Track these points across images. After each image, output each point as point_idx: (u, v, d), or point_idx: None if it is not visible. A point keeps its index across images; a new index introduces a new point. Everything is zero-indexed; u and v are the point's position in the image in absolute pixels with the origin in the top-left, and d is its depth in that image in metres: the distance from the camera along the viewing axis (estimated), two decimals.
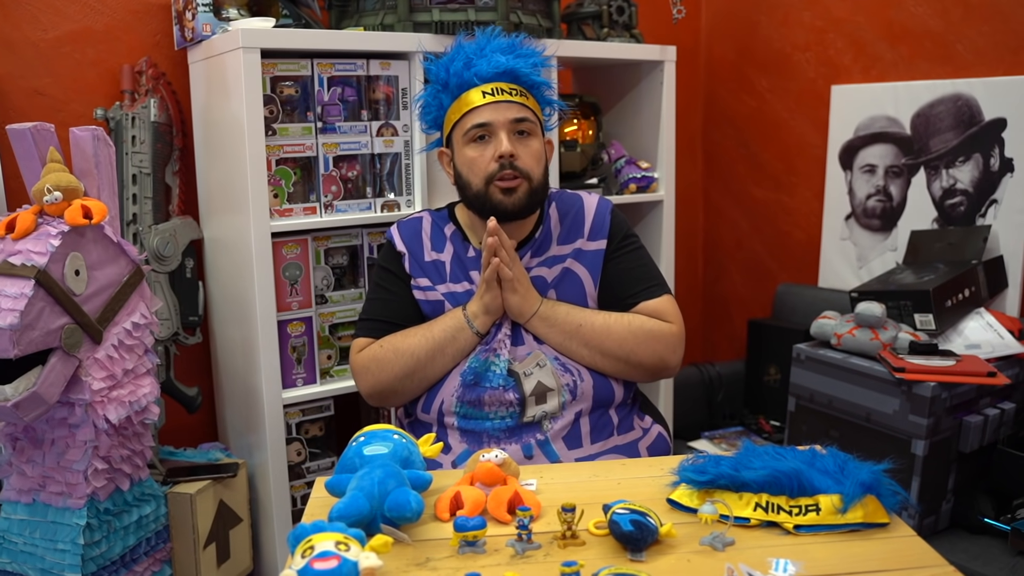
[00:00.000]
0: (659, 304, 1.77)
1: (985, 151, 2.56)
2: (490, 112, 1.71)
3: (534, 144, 1.75)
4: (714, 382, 3.12)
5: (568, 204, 1.87)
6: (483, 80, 1.72)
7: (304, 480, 2.31)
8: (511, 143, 1.70)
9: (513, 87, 1.73)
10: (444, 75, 1.77)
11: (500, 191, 1.71)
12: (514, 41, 1.79)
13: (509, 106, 1.72)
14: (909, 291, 2.35)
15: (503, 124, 1.71)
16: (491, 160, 1.71)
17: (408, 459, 1.36)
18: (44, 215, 1.71)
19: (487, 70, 1.72)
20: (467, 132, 1.73)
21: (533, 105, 1.76)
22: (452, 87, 1.75)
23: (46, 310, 1.61)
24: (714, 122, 3.51)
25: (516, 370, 1.72)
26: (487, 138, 1.72)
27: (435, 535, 1.28)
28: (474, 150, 1.73)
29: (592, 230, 1.82)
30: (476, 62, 1.73)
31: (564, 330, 1.71)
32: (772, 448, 1.36)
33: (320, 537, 1.02)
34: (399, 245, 1.84)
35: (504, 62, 1.72)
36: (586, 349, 1.71)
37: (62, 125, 1.88)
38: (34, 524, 1.78)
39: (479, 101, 1.71)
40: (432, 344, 1.72)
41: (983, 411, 2.13)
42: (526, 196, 1.72)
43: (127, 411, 1.78)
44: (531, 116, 1.74)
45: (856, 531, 1.26)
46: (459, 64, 1.74)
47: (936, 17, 2.70)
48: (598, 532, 1.26)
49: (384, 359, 1.76)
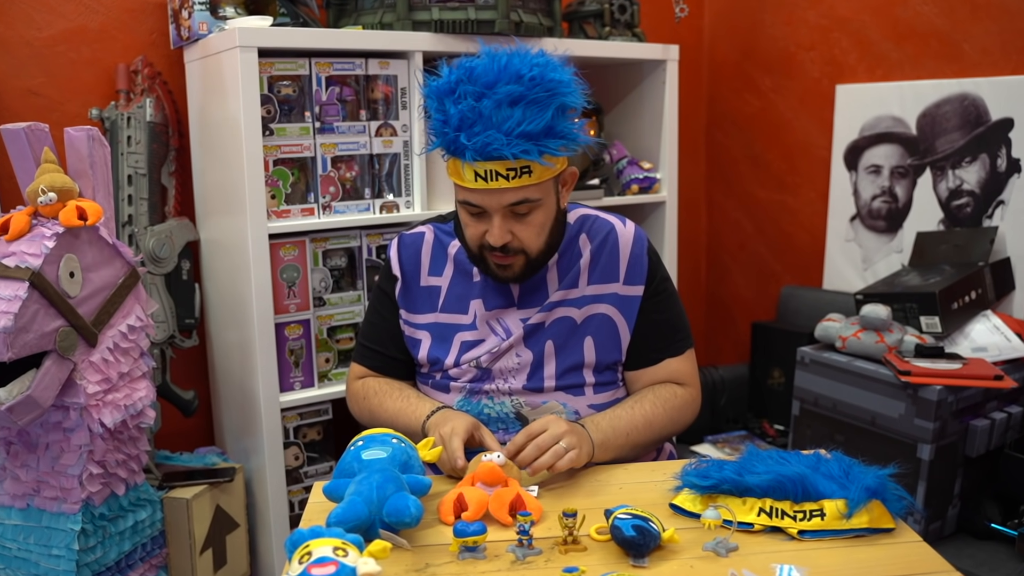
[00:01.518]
0: (682, 365, 1.70)
1: (992, 151, 2.56)
2: (480, 196, 1.51)
3: (536, 218, 1.55)
4: (717, 386, 3.12)
5: (600, 235, 1.68)
6: (475, 157, 1.46)
7: (302, 485, 2.31)
8: (504, 229, 1.53)
9: (511, 167, 1.47)
10: (440, 123, 1.50)
11: (495, 265, 1.59)
12: (532, 76, 1.44)
13: (503, 192, 1.49)
14: (915, 293, 2.35)
15: (496, 209, 1.52)
16: (483, 237, 1.56)
17: (407, 463, 1.36)
18: (38, 216, 1.71)
19: (477, 153, 1.45)
20: (460, 200, 1.57)
21: (538, 175, 1.50)
22: (446, 141, 1.50)
23: (40, 312, 1.61)
24: (717, 122, 3.51)
25: (525, 415, 1.65)
26: (481, 215, 1.55)
27: (435, 540, 1.28)
28: (468, 219, 1.58)
29: (628, 273, 1.67)
30: (471, 129, 1.45)
31: (617, 445, 1.57)
32: (776, 452, 1.37)
33: (318, 543, 1.02)
34: (395, 268, 1.74)
35: (499, 147, 1.43)
36: (638, 450, 1.63)
37: (57, 125, 1.88)
38: (28, 530, 1.78)
39: (471, 183, 1.49)
40: (393, 420, 1.65)
41: (990, 415, 2.13)
42: (523, 269, 1.59)
43: (123, 415, 1.78)
44: (532, 194, 1.51)
45: (861, 536, 1.26)
46: (453, 123, 1.46)
47: (942, 16, 2.70)
48: (600, 537, 1.26)
49: (357, 398, 1.76)
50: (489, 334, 1.66)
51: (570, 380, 1.65)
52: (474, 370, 1.65)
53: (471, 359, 1.65)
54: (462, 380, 1.67)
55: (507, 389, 1.65)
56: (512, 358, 1.64)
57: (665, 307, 1.70)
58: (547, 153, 1.48)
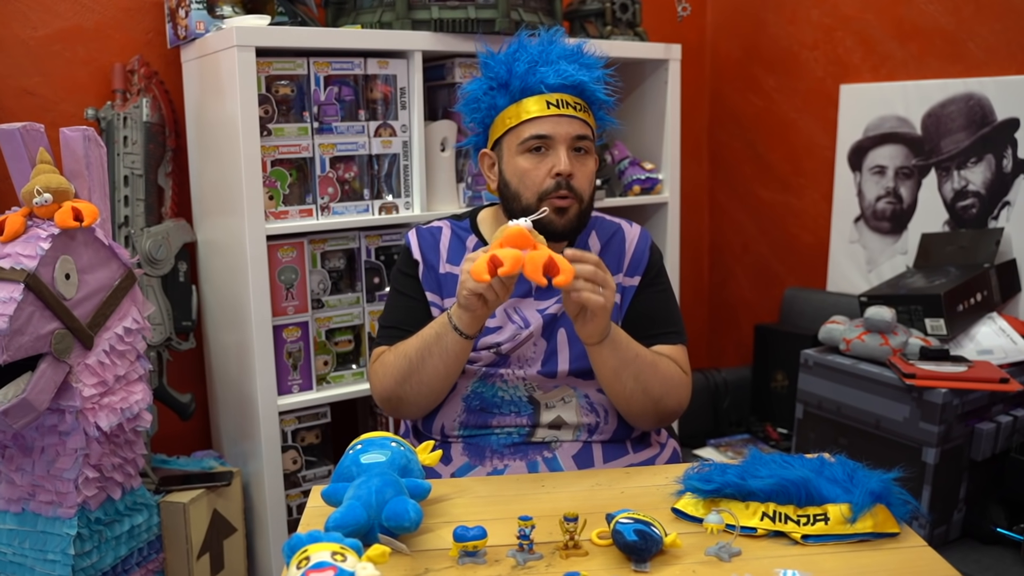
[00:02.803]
0: (675, 352, 1.72)
1: (998, 152, 2.56)
2: (552, 125, 1.63)
3: (590, 164, 1.68)
4: (720, 389, 3.12)
5: (608, 232, 1.79)
6: (549, 89, 1.64)
7: (300, 489, 2.31)
8: (570, 161, 1.63)
9: (578, 101, 1.66)
10: (504, 75, 1.67)
11: (554, 209, 1.62)
12: (578, 47, 1.70)
13: (572, 121, 1.64)
14: (920, 295, 2.35)
15: (564, 139, 1.63)
16: (547, 175, 1.63)
17: (406, 467, 1.36)
18: (34, 217, 1.71)
19: (554, 79, 1.63)
20: (524, 141, 1.65)
21: (592, 123, 1.69)
22: (513, 90, 1.66)
23: (36, 315, 1.61)
24: (720, 122, 3.51)
25: (538, 399, 1.68)
26: (544, 151, 1.64)
27: (434, 545, 1.28)
28: (529, 161, 1.65)
29: (631, 265, 1.76)
30: (541, 68, 1.64)
31: (624, 357, 1.59)
32: (779, 456, 1.37)
33: (316, 547, 1.02)
34: (415, 253, 1.77)
35: (572, 73, 1.64)
36: (634, 382, 1.61)
37: (52, 125, 1.89)
38: (23, 534, 1.78)
39: (542, 111, 1.63)
40: (421, 343, 1.63)
41: (995, 418, 2.13)
42: (576, 218, 1.66)
43: (119, 418, 1.78)
44: (590, 134, 1.67)
45: (865, 541, 1.26)
46: (522, 66, 1.65)
47: (947, 14, 2.70)
48: (601, 542, 1.26)
49: (388, 363, 1.69)
50: (507, 322, 1.69)
51: (582, 365, 1.68)
52: (492, 355, 1.68)
53: (490, 344, 1.68)
54: (478, 364, 1.69)
55: (521, 374, 1.69)
56: (530, 347, 1.69)
57: (660, 299, 1.77)
58: (602, 97, 1.70)
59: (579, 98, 1.66)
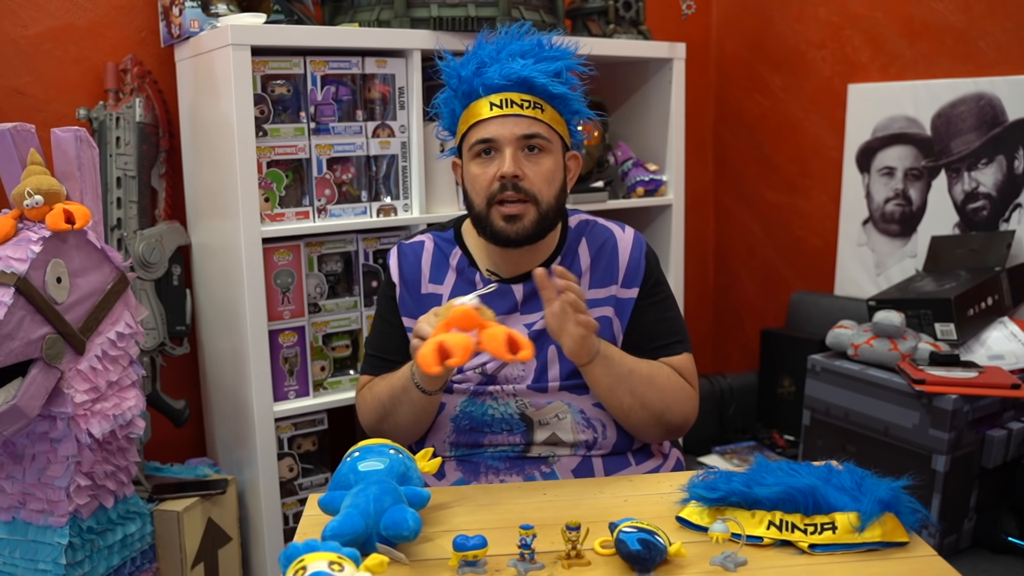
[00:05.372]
0: (680, 363, 1.71)
1: (1009, 153, 2.57)
2: (496, 126, 1.61)
3: (545, 162, 1.63)
4: (725, 395, 3.12)
5: (599, 240, 1.75)
6: (491, 90, 1.61)
7: (296, 497, 2.31)
8: (516, 161, 1.60)
9: (526, 98, 1.61)
10: (455, 80, 1.66)
11: (502, 217, 1.61)
12: (541, 40, 1.66)
13: (518, 120, 1.60)
14: (929, 299, 2.35)
15: (509, 140, 1.60)
16: (493, 179, 1.61)
17: (405, 475, 1.36)
18: (24, 220, 1.71)
19: (497, 79, 1.60)
20: (472, 146, 1.64)
21: (551, 118, 1.64)
22: (461, 94, 1.66)
23: (26, 319, 1.62)
24: (725, 122, 3.51)
25: (531, 416, 1.66)
26: (492, 154, 1.62)
27: (433, 554, 1.28)
28: (478, 166, 1.64)
29: (627, 276, 1.72)
30: (488, 68, 1.62)
31: (618, 373, 1.59)
32: (786, 464, 1.37)
33: (313, 557, 1.02)
34: (394, 274, 1.77)
35: (517, 69, 1.60)
36: (631, 397, 1.61)
37: (43, 126, 1.89)
38: (14, 543, 1.79)
39: (485, 113, 1.61)
40: (391, 391, 1.64)
41: (1007, 425, 2.13)
42: (533, 224, 1.62)
43: (111, 425, 1.78)
44: (544, 131, 1.62)
45: (874, 551, 1.26)
46: (470, 69, 1.63)
47: (958, 12, 2.71)
48: (604, 551, 1.26)
49: (367, 400, 1.72)
50: None
51: (575, 380, 1.66)
52: (479, 376, 1.67)
53: (474, 365, 1.67)
54: (466, 384, 1.68)
55: (511, 391, 1.67)
56: (517, 365, 1.66)
57: (661, 309, 1.74)
58: (556, 88, 1.63)
59: (528, 95, 1.62)
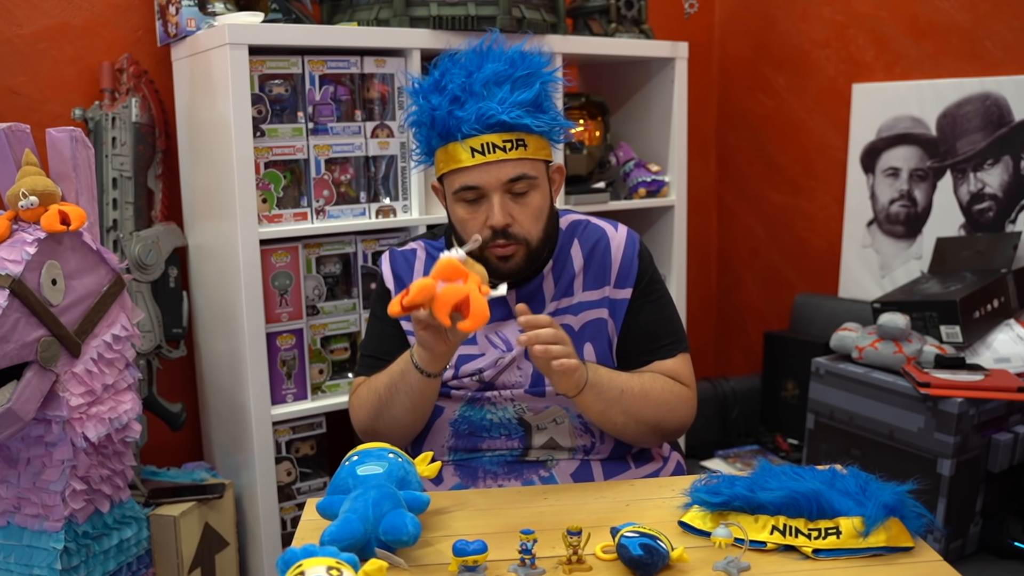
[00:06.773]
0: (675, 366, 1.71)
1: (1015, 153, 2.57)
2: (480, 174, 1.57)
3: (533, 201, 1.61)
4: (728, 398, 3.13)
5: (592, 240, 1.74)
6: (469, 134, 1.55)
7: (294, 502, 2.31)
8: (504, 209, 1.58)
9: (507, 139, 1.56)
10: (428, 116, 1.59)
11: (496, 257, 1.61)
12: (513, 57, 1.58)
13: (502, 166, 1.56)
14: (934, 301, 2.35)
15: (496, 187, 1.57)
16: (483, 226, 1.59)
17: (404, 479, 1.36)
18: (19, 221, 1.71)
19: (475, 123, 1.54)
20: (456, 192, 1.61)
21: (534, 149, 1.59)
22: (436, 133, 1.60)
23: (21, 321, 1.62)
24: (728, 123, 3.52)
25: (528, 421, 1.67)
26: (478, 200, 1.60)
27: (433, 560, 1.28)
28: (465, 211, 1.62)
29: (619, 276, 1.71)
30: (463, 106, 1.55)
31: (609, 397, 1.58)
32: (790, 468, 1.37)
33: (311, 562, 1.02)
34: (388, 279, 1.77)
35: (495, 111, 1.54)
36: (624, 417, 1.61)
37: (38, 126, 1.89)
38: (8, 548, 1.79)
39: (467, 161, 1.56)
40: (389, 380, 1.64)
41: (1013, 428, 2.13)
42: (524, 261, 1.62)
43: (107, 428, 1.78)
44: (529, 170, 1.59)
45: (879, 556, 1.26)
46: (444, 104, 1.56)
47: (963, 11, 2.71)
48: (606, 557, 1.26)
49: (362, 397, 1.71)
50: (488, 347, 1.68)
51: None
52: (476, 383, 1.67)
53: (471, 371, 1.67)
54: (463, 391, 1.68)
55: (509, 396, 1.67)
56: (514, 371, 1.67)
57: (654, 309, 1.74)
58: (539, 123, 1.57)
59: (510, 133, 1.57)
